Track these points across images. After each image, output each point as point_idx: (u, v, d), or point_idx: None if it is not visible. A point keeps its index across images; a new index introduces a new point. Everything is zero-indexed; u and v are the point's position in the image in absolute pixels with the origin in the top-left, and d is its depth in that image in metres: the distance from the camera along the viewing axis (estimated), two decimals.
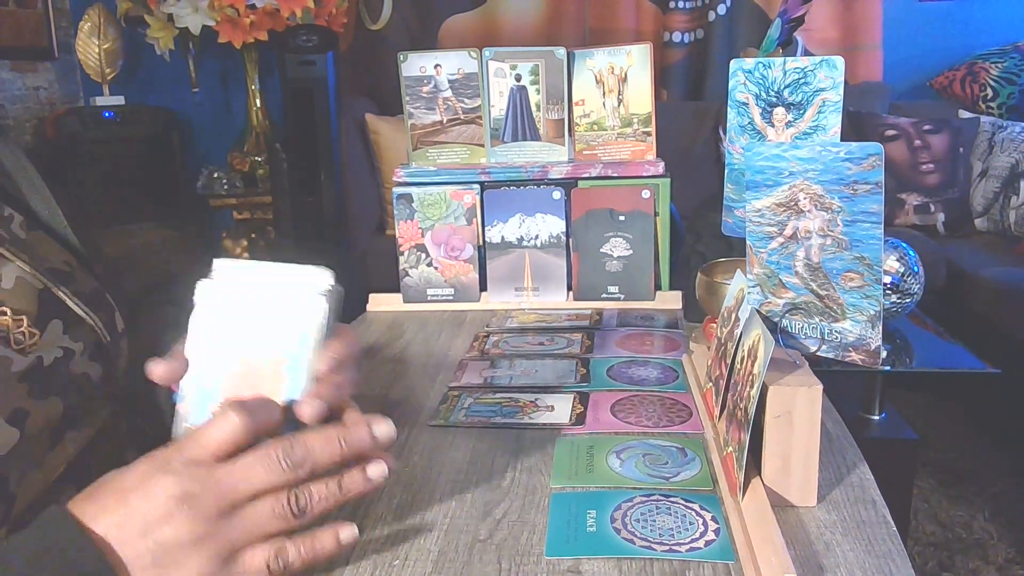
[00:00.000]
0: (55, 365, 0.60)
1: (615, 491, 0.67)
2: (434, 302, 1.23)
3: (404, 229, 1.23)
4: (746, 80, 0.91)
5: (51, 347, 0.60)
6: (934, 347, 1.22)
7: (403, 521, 0.64)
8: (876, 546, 0.59)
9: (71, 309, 0.64)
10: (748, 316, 0.69)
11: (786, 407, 0.63)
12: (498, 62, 1.22)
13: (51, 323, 0.61)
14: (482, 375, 0.94)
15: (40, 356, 0.59)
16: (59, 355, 0.60)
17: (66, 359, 0.61)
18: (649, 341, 1.04)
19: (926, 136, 2.82)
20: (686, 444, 0.75)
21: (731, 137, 0.94)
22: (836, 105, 0.87)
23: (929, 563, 1.83)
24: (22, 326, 0.59)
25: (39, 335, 0.60)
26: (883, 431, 1.48)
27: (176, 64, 3.12)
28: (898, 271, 1.12)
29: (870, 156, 0.75)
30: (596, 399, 0.85)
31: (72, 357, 0.62)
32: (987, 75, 2.99)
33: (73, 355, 0.62)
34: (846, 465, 0.71)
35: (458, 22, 3.29)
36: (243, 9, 2.78)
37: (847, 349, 0.83)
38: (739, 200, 0.94)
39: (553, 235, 1.21)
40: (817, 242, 0.80)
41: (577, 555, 0.58)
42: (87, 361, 0.63)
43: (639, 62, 1.20)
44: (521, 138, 1.24)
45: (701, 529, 0.61)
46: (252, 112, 3.16)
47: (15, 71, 3.01)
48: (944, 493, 2.11)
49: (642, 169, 1.20)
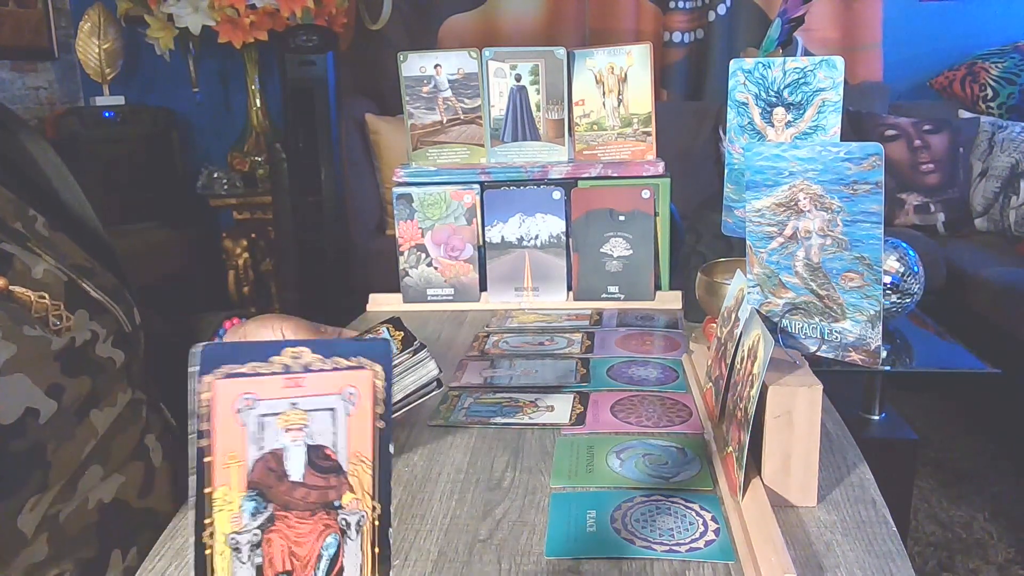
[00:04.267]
0: (84, 347, 0.65)
1: (615, 491, 0.67)
2: (434, 302, 1.23)
3: (404, 229, 1.23)
4: (746, 80, 0.91)
5: (81, 330, 0.65)
6: (934, 347, 1.22)
7: (403, 521, 0.64)
8: (876, 546, 0.59)
9: (95, 299, 0.69)
10: (748, 316, 0.69)
11: (786, 407, 0.63)
12: (498, 62, 1.22)
13: (78, 311, 0.66)
14: (482, 375, 0.94)
15: (73, 337, 0.64)
16: (87, 337, 0.65)
17: (93, 342, 0.66)
18: (649, 341, 1.04)
19: (926, 136, 2.82)
20: (686, 444, 0.75)
21: (731, 137, 0.94)
22: (836, 105, 0.87)
23: (929, 563, 1.83)
24: (58, 310, 0.64)
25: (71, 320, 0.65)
26: (883, 431, 1.48)
27: (176, 64, 3.12)
28: (898, 271, 1.12)
29: (870, 156, 0.75)
30: (596, 399, 0.85)
31: (97, 341, 0.67)
32: (987, 75, 2.99)
33: (98, 339, 0.67)
34: (846, 465, 0.71)
35: (458, 22, 3.29)
36: (243, 9, 2.78)
37: (847, 349, 0.83)
38: (739, 200, 0.94)
39: (553, 235, 1.21)
40: (817, 242, 0.80)
41: (577, 555, 0.58)
42: (111, 347, 0.68)
43: (639, 62, 1.20)
44: (521, 138, 1.24)
45: (701, 529, 0.61)
46: (252, 112, 3.16)
47: (15, 71, 3.01)
48: (944, 493, 2.11)
49: (642, 169, 1.20)
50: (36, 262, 0.66)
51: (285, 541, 0.41)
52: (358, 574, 0.42)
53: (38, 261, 0.66)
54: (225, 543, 0.40)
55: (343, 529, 0.42)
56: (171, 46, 2.96)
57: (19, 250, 0.65)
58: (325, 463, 0.41)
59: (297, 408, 0.40)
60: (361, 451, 0.41)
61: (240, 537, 0.40)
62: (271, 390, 0.39)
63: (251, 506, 0.40)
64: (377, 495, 0.42)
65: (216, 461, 0.39)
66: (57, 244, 0.70)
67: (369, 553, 0.42)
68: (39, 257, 0.66)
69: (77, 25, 3.06)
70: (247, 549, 0.40)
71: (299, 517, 0.41)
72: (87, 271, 0.71)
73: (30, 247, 0.67)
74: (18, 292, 0.63)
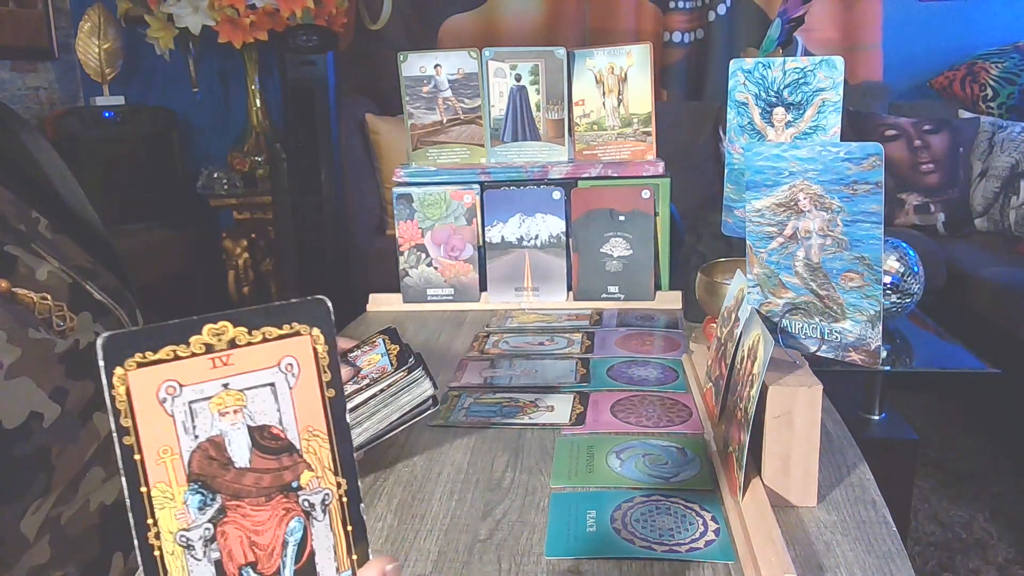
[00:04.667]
0: (87, 349, 0.64)
1: (615, 491, 0.67)
2: (434, 302, 1.23)
3: (404, 229, 1.23)
4: (746, 80, 0.91)
5: (85, 332, 0.65)
6: (934, 347, 1.22)
7: (403, 521, 0.64)
8: (876, 546, 0.59)
9: (98, 301, 0.69)
10: (748, 316, 0.69)
11: (786, 407, 0.63)
12: (498, 62, 1.22)
13: (81, 313, 0.66)
14: (482, 375, 0.94)
15: (77, 340, 0.64)
16: (91, 339, 0.65)
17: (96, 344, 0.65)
18: (649, 341, 1.04)
19: (926, 136, 2.82)
20: (686, 444, 0.75)
21: (731, 137, 0.94)
22: (836, 105, 0.87)
23: (929, 563, 1.83)
24: (61, 311, 0.64)
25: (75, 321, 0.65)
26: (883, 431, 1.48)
27: (176, 64, 3.12)
28: (898, 271, 1.12)
29: (870, 156, 0.75)
30: (596, 399, 0.85)
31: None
32: (987, 75, 2.99)
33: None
34: (846, 465, 0.71)
35: (458, 22, 3.29)
36: (243, 9, 2.78)
37: (847, 349, 0.83)
38: (739, 200, 0.94)
39: (553, 235, 1.21)
40: (817, 242, 0.80)
41: (577, 555, 0.58)
42: None
43: (639, 62, 1.20)
44: (521, 138, 1.24)
45: (701, 529, 0.61)
46: (252, 112, 3.16)
47: (15, 71, 3.01)
48: (944, 493, 2.11)
49: (642, 169, 1.20)
50: (40, 264, 0.66)
51: (242, 531, 0.38)
52: (332, 556, 0.40)
53: (41, 263, 0.66)
54: (175, 542, 0.37)
55: (307, 511, 0.39)
56: (171, 46, 2.96)
57: (23, 252, 0.65)
58: (273, 443, 0.38)
59: (230, 389, 0.37)
60: (313, 425, 0.38)
61: (190, 533, 0.37)
62: (196, 373, 0.36)
63: (196, 500, 0.37)
64: (340, 470, 0.39)
65: (147, 458, 0.36)
66: (60, 246, 0.70)
67: (341, 533, 0.40)
68: (43, 259, 0.66)
69: (77, 25, 3.05)
70: (200, 545, 0.37)
71: (254, 504, 0.38)
72: (90, 273, 0.71)
73: (34, 249, 0.66)
74: (21, 294, 0.62)
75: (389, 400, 0.71)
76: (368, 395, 0.71)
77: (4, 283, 0.62)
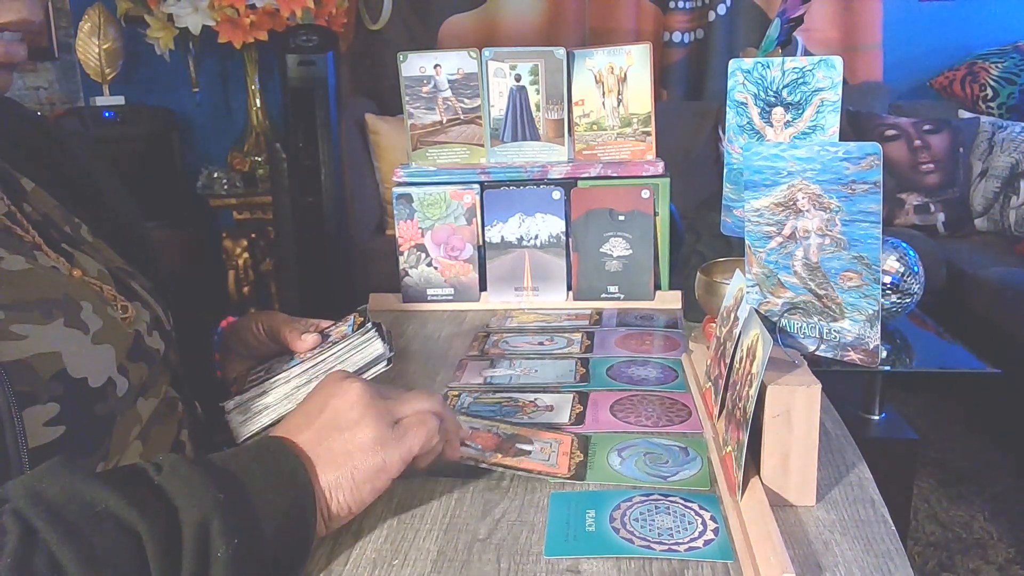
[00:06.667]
0: (139, 336, 0.68)
1: (614, 491, 0.67)
2: (434, 302, 1.23)
3: (404, 229, 1.23)
4: (745, 80, 0.91)
5: (139, 321, 0.69)
6: (934, 347, 1.22)
7: (403, 521, 0.64)
8: (875, 545, 0.59)
9: (141, 295, 0.73)
10: (747, 316, 0.69)
11: (785, 406, 0.63)
12: (498, 62, 1.22)
13: (133, 302, 0.70)
14: (482, 375, 0.94)
15: (137, 329, 0.68)
16: (141, 328, 0.69)
17: (145, 333, 0.70)
18: (649, 341, 1.04)
19: (926, 136, 2.82)
20: (685, 443, 0.75)
21: (730, 137, 0.94)
22: (835, 105, 0.87)
23: (929, 563, 1.83)
24: (122, 300, 0.68)
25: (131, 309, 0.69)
26: (883, 431, 1.48)
27: (176, 64, 3.12)
28: (898, 271, 1.12)
29: (868, 156, 0.76)
30: (595, 399, 0.86)
31: (148, 333, 0.71)
32: (987, 75, 2.99)
33: (148, 331, 0.71)
34: (845, 465, 0.71)
35: (458, 22, 3.29)
36: (243, 9, 2.78)
37: (845, 348, 0.83)
38: (738, 200, 0.94)
39: (553, 235, 1.21)
40: (816, 241, 0.80)
41: (576, 555, 0.58)
42: (157, 339, 0.72)
43: (639, 62, 1.20)
44: (521, 138, 1.24)
45: (700, 528, 0.61)
46: (252, 112, 3.16)
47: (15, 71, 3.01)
48: (944, 493, 2.11)
49: (642, 169, 1.20)
50: (89, 262, 0.69)
51: None
52: None
53: (90, 261, 0.70)
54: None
55: None
56: (171, 46, 2.96)
57: (76, 251, 0.69)
58: None
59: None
60: None
61: None
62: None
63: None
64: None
65: None
66: (100, 250, 0.74)
67: None
68: (91, 258, 0.70)
69: (77, 25, 3.05)
70: None
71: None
72: (129, 273, 0.75)
73: (83, 249, 0.70)
74: (90, 281, 0.67)
75: (344, 357, 0.76)
76: (324, 356, 0.77)
77: (77, 272, 0.66)
